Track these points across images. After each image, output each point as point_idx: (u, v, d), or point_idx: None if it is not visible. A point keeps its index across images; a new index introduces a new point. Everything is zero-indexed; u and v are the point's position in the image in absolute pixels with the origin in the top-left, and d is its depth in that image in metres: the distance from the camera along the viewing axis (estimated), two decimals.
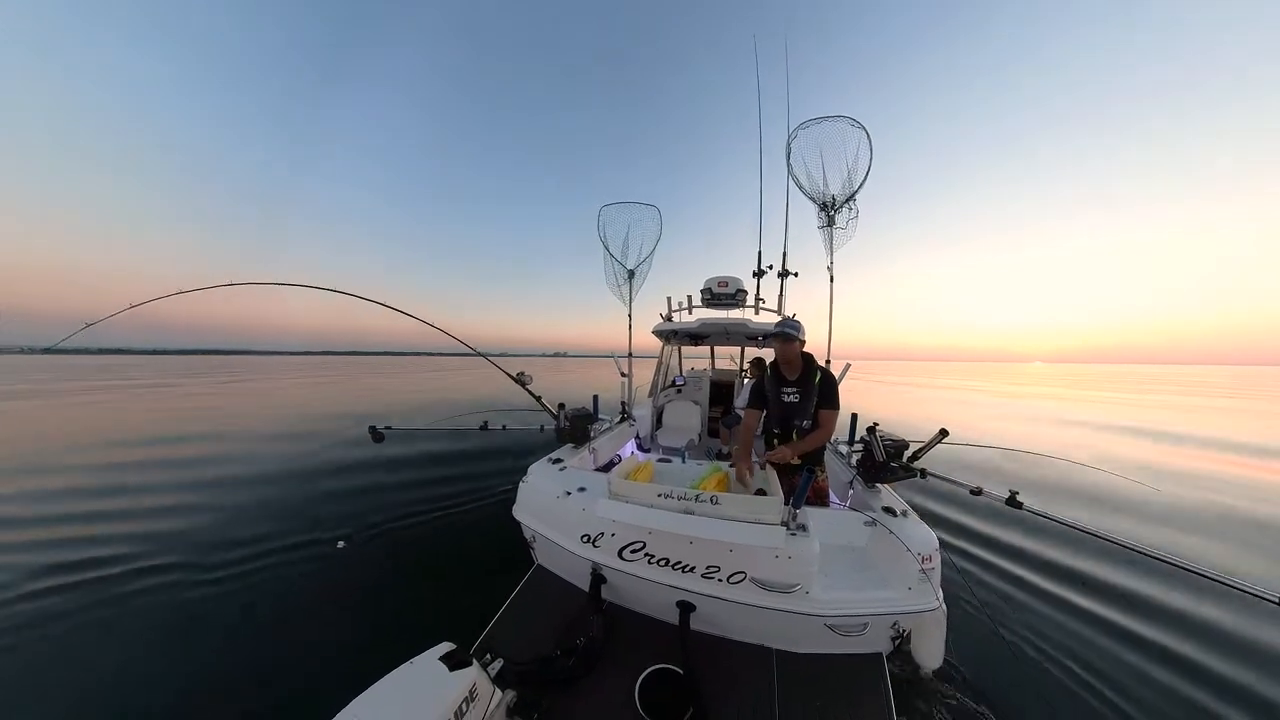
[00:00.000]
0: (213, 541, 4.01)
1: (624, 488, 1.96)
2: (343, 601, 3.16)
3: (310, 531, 4.24)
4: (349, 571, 3.59)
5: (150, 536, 4.11)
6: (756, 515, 1.74)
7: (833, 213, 3.96)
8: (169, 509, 4.81)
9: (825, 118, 3.89)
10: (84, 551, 3.76)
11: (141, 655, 2.63)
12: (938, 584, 1.84)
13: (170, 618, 2.97)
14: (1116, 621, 2.95)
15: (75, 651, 2.63)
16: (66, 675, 2.45)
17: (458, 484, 5.64)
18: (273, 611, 3.05)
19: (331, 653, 2.62)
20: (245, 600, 3.17)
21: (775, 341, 2.49)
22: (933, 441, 2.26)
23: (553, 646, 1.85)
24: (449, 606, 3.03)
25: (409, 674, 1.33)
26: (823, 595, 1.76)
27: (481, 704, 1.34)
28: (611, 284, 4.75)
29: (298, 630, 2.84)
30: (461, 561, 3.69)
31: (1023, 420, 13.32)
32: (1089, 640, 2.78)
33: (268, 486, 5.69)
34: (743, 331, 4.58)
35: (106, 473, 6.29)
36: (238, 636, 2.79)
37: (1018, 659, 2.56)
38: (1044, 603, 3.18)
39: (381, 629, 2.85)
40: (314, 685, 2.36)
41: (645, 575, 1.91)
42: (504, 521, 2.65)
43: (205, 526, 4.37)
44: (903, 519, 2.06)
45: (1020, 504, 2.02)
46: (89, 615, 2.97)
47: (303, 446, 7.91)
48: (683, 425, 5.19)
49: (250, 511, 4.81)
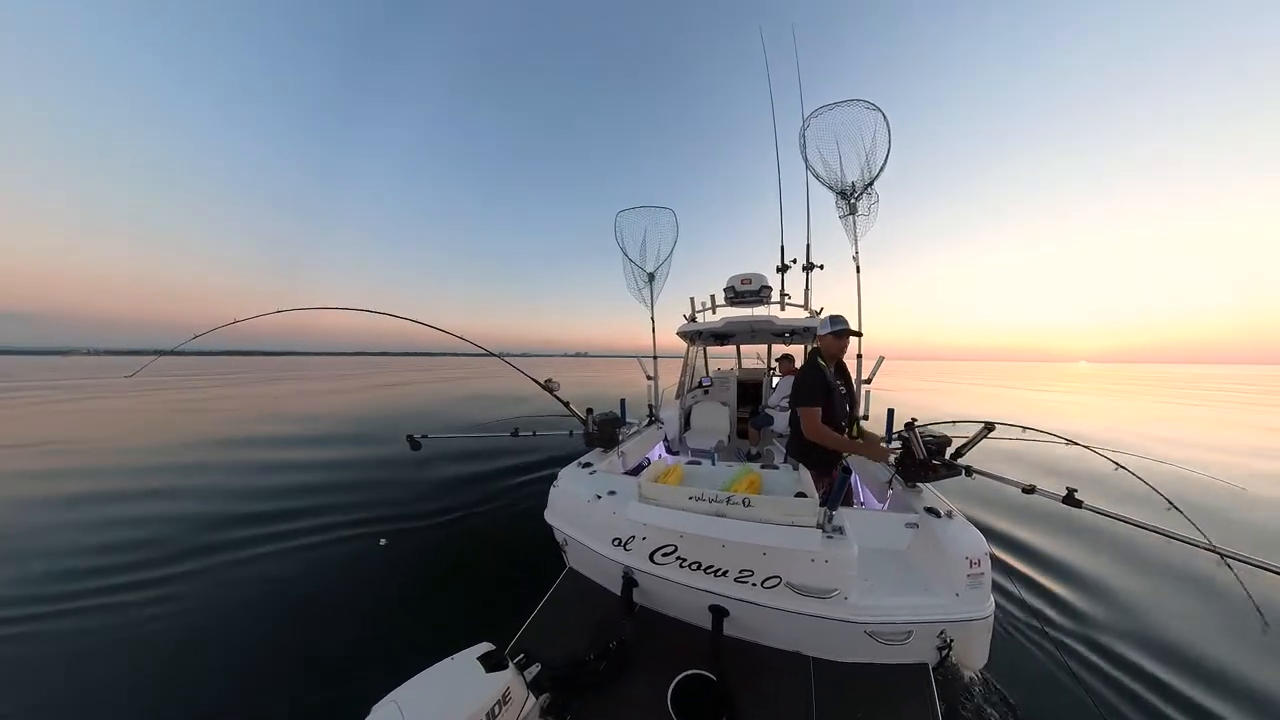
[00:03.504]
0: (262, 535, 4.34)
1: (654, 491, 1.96)
2: (384, 595, 3.33)
3: (355, 528, 4.50)
4: (391, 567, 3.78)
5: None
6: (791, 517, 1.69)
7: (853, 200, 3.84)
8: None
9: (839, 103, 3.77)
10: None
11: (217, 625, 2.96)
12: (989, 590, 1.73)
13: (226, 598, 3.29)
14: (1193, 642, 2.65)
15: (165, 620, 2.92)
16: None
17: (491, 488, 5.81)
18: (320, 599, 3.27)
19: (372, 643, 2.77)
20: (296, 588, 3.42)
21: (833, 338, 2.44)
22: (978, 436, 2.13)
23: (585, 649, 1.86)
24: (483, 605, 3.13)
25: (447, 670, 1.37)
26: (862, 601, 1.70)
27: (515, 707, 1.36)
28: (632, 288, 4.79)
29: (342, 619, 3.03)
30: (495, 563, 3.79)
31: (1082, 417, 12.34)
32: (1157, 664, 2.51)
33: (319, 483, 6.06)
34: (769, 329, 4.48)
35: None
36: (285, 623, 3.00)
37: (1076, 681, 2.36)
38: (1108, 613, 2.92)
39: (418, 624, 2.97)
40: (356, 672, 2.50)
41: (677, 579, 1.89)
42: (536, 525, 2.69)
43: (256, 517, 4.73)
44: (948, 520, 1.95)
45: (1080, 502, 1.87)
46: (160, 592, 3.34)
47: (348, 448, 8.39)
48: (711, 426, 5.13)
49: (302, 504, 5.15)
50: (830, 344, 2.46)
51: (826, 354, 2.47)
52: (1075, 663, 2.47)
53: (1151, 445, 8.27)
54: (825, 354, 2.47)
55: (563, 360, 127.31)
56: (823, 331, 2.47)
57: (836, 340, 2.44)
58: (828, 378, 2.41)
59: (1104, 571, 3.41)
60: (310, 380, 30.38)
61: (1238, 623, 2.77)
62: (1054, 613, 2.96)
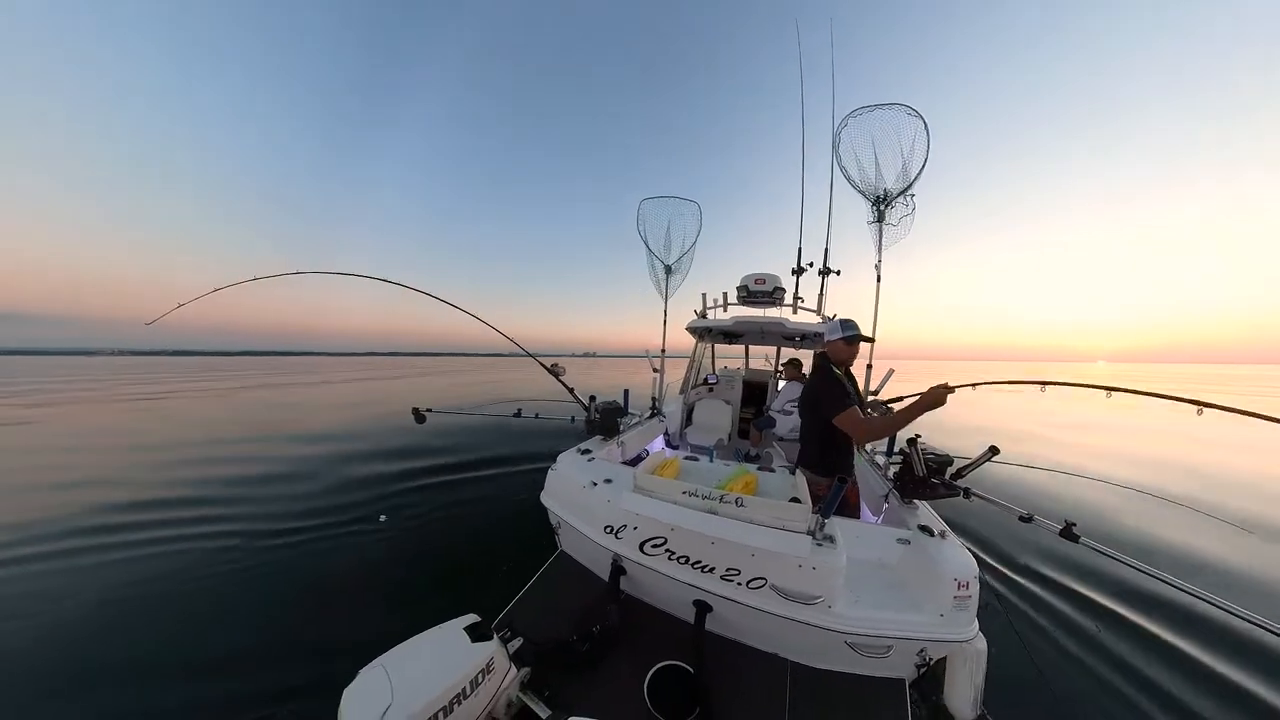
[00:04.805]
0: (276, 512, 4.52)
1: (649, 483, 1.98)
2: (379, 570, 3.47)
3: (357, 507, 4.66)
4: (389, 543, 3.92)
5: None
6: (782, 521, 1.70)
7: (884, 207, 3.74)
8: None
9: (878, 105, 3.64)
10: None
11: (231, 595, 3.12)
12: (974, 614, 1.73)
13: (236, 572, 3.43)
14: (1181, 694, 2.55)
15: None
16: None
17: (491, 467, 5.93)
18: (321, 573, 3.41)
19: (365, 614, 2.89)
20: (299, 563, 3.57)
21: (844, 343, 2.33)
22: (981, 459, 2.10)
23: (569, 631, 1.90)
24: (475, 581, 3.23)
25: (434, 638, 1.42)
26: (846, 611, 1.70)
27: (497, 677, 1.41)
28: (651, 278, 4.77)
29: (337, 593, 3.15)
30: (490, 540, 3.89)
31: (1101, 434, 11.68)
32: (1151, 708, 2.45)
33: (325, 465, 6.25)
34: (779, 331, 4.45)
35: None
36: (289, 594, 3.14)
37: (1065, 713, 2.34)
38: (1099, 654, 2.84)
39: (411, 597, 3.09)
40: (348, 640, 2.60)
41: (665, 571, 1.92)
42: (532, 505, 2.73)
43: (272, 497, 4.89)
44: (940, 540, 1.94)
45: (1077, 536, 1.85)
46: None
47: (354, 430, 8.60)
48: (713, 424, 5.14)
49: (306, 485, 5.31)
50: (841, 349, 2.36)
51: (836, 359, 2.38)
52: (1064, 700, 2.45)
53: (1146, 473, 7.95)
54: (835, 359, 2.38)
55: (570, 360, 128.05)
56: (832, 336, 2.36)
57: (848, 346, 2.35)
58: (844, 383, 2.32)
59: (1096, 610, 3.34)
60: (317, 380, 30.90)
61: (1234, 683, 2.67)
62: (1048, 645, 2.91)
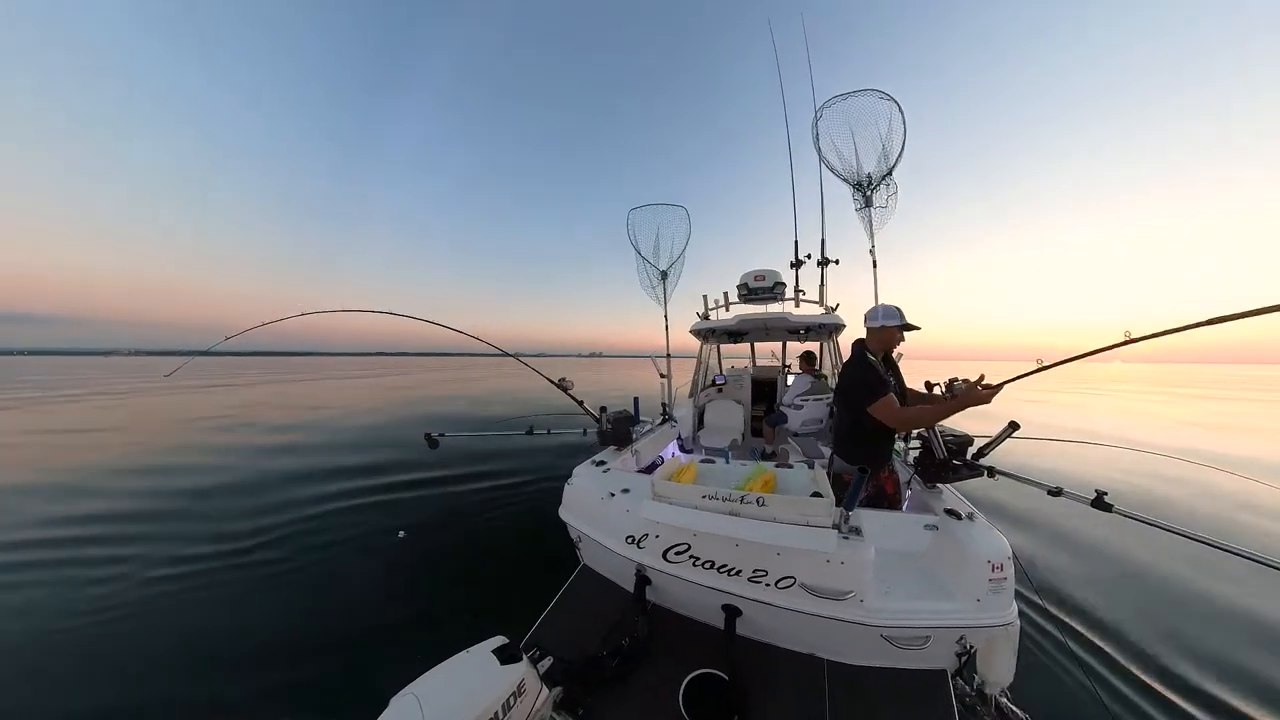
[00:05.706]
0: (297, 533, 4.50)
1: (667, 489, 1.96)
2: (401, 588, 3.45)
3: (376, 523, 4.66)
4: (408, 561, 3.89)
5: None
6: (805, 517, 1.67)
7: (869, 192, 3.78)
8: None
9: (851, 93, 3.70)
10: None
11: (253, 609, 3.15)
12: (1011, 596, 1.68)
13: (256, 585, 3.47)
14: (1233, 657, 2.51)
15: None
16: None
17: (507, 485, 5.91)
18: (339, 592, 3.40)
19: (389, 635, 2.87)
20: (320, 580, 3.58)
21: (894, 330, 2.22)
22: (1001, 435, 2.06)
23: (598, 646, 1.88)
24: (498, 600, 3.19)
25: (464, 663, 1.40)
26: (878, 604, 1.66)
27: (529, 699, 1.39)
28: (646, 286, 4.80)
29: (359, 612, 3.14)
30: (510, 558, 3.86)
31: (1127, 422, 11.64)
32: (1194, 677, 2.39)
33: (340, 481, 6.24)
34: (783, 325, 4.42)
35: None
36: (310, 610, 3.14)
37: (1102, 707, 2.25)
38: (1139, 625, 2.78)
39: (434, 618, 3.05)
40: (373, 663, 2.59)
41: (690, 578, 1.89)
42: (551, 521, 2.72)
43: (288, 520, 4.90)
44: (969, 523, 1.90)
45: (1110, 506, 1.80)
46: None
47: (368, 447, 8.61)
48: (725, 425, 5.10)
49: (323, 501, 5.33)
50: (891, 337, 2.23)
51: (877, 346, 2.26)
52: (1100, 683, 2.38)
53: (1173, 444, 7.81)
54: (875, 346, 2.26)
55: (576, 360, 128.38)
56: (875, 324, 2.22)
57: (894, 333, 2.22)
58: (881, 370, 2.21)
59: (1134, 580, 3.25)
60: (326, 380, 31.15)
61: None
62: (1080, 625, 2.85)
